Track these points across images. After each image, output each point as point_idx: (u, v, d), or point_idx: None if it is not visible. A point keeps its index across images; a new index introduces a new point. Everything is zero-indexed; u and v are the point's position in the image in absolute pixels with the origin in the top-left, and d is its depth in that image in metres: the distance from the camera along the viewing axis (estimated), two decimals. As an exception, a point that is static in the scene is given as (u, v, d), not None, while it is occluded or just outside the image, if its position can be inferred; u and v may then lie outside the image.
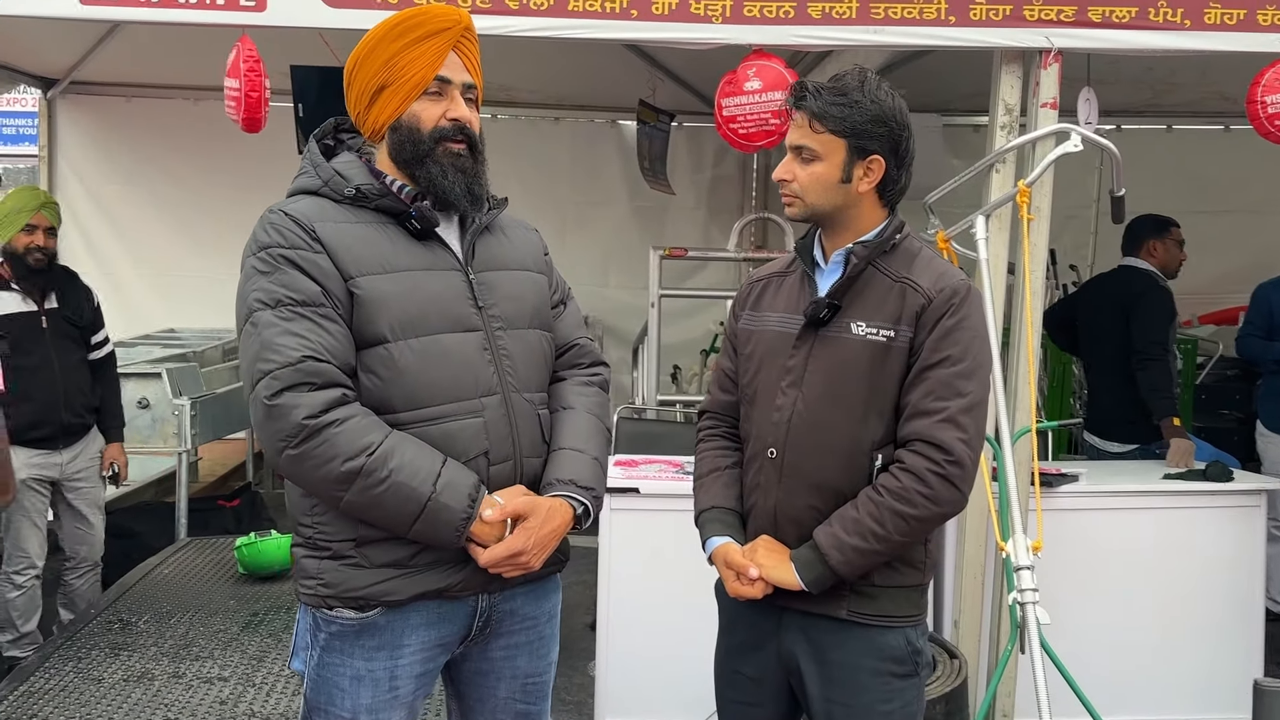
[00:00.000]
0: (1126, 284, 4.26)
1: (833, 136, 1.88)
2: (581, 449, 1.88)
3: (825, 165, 1.89)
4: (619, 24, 3.10)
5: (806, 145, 1.90)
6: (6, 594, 3.83)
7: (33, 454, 3.76)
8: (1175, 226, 4.36)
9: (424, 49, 1.77)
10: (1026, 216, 3.00)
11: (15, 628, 3.86)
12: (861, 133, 1.87)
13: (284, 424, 1.65)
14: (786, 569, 1.89)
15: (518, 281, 1.90)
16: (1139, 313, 4.13)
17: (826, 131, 1.88)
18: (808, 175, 1.91)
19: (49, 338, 3.83)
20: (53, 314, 3.86)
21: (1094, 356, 4.48)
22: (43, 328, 3.82)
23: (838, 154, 1.89)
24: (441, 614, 1.81)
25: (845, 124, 1.87)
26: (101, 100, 6.29)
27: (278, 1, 3.02)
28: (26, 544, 3.83)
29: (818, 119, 1.88)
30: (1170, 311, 4.20)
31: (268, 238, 1.73)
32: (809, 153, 1.90)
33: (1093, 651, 3.28)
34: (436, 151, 1.79)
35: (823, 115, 1.87)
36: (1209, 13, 3.11)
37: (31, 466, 3.76)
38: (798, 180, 1.92)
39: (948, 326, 1.85)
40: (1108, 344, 4.26)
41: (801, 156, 1.91)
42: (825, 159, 1.89)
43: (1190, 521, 3.54)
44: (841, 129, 1.87)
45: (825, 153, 1.89)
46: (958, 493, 1.84)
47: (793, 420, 1.92)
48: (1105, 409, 4.33)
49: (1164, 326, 4.12)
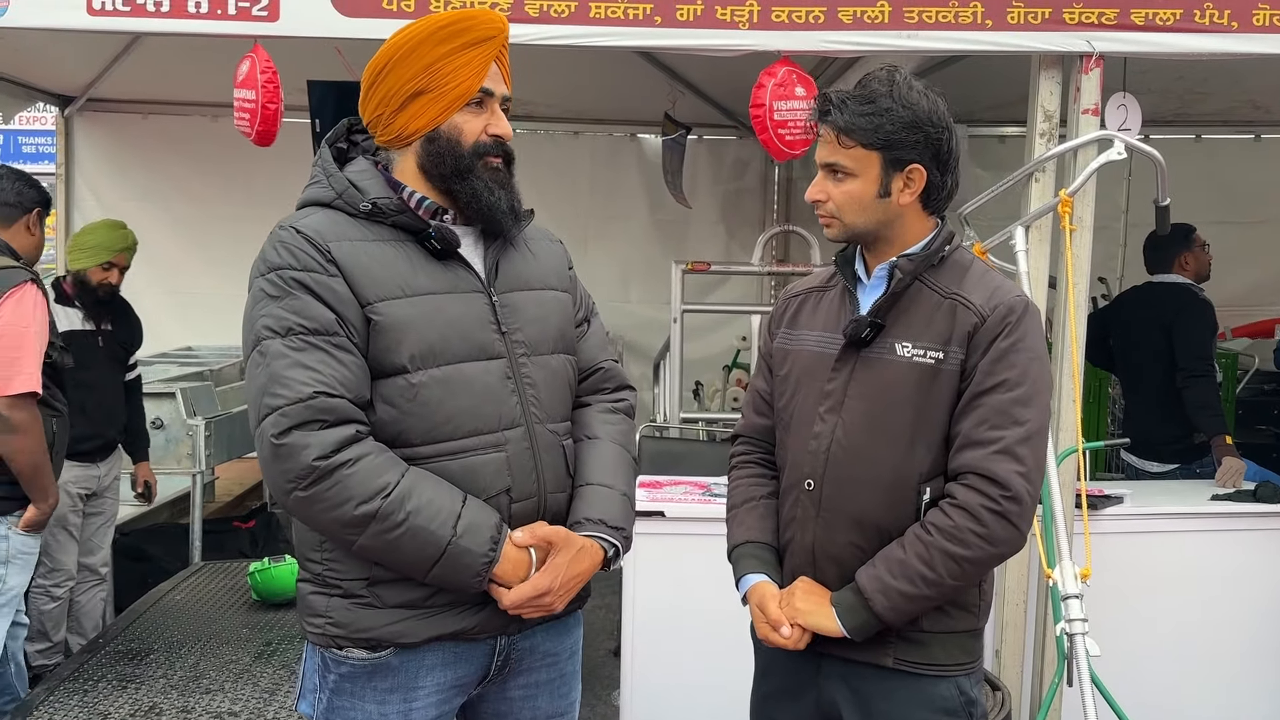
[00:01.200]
0: (1164, 300, 4.12)
1: (864, 150, 1.74)
2: (610, 484, 1.76)
3: (860, 182, 1.75)
4: (642, 31, 3.00)
5: (837, 162, 1.76)
6: (43, 606, 3.90)
7: (75, 466, 3.87)
8: (1195, 231, 4.23)
9: (470, 56, 1.65)
10: (1069, 227, 2.87)
11: (48, 637, 3.95)
12: (895, 142, 1.73)
13: (293, 464, 1.53)
14: (827, 614, 1.75)
15: (542, 302, 1.79)
16: (1181, 329, 3.99)
17: (857, 145, 1.74)
18: (842, 194, 1.77)
19: (103, 358, 4.01)
20: (108, 336, 4.04)
21: (1132, 375, 4.33)
22: (99, 347, 3.99)
23: (872, 168, 1.75)
24: (458, 654, 1.69)
25: (876, 135, 1.72)
26: (118, 117, 6.26)
27: (291, 11, 2.94)
28: (65, 555, 3.93)
29: (845, 133, 1.74)
30: (1212, 325, 4.07)
31: (278, 258, 1.61)
32: (841, 170, 1.76)
33: (1138, 681, 3.13)
34: (478, 166, 1.68)
35: (850, 129, 1.73)
36: (1258, 14, 2.98)
37: (75, 479, 3.89)
38: (832, 200, 1.78)
39: (1003, 348, 1.70)
40: (1148, 362, 4.12)
41: (834, 174, 1.77)
42: (859, 175, 1.75)
43: (1240, 544, 3.39)
44: (873, 141, 1.73)
45: (858, 168, 1.75)
46: (1016, 531, 1.69)
47: (831, 449, 1.78)
48: (1146, 428, 4.17)
49: (1207, 341, 3.99)
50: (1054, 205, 2.87)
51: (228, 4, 2.94)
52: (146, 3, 2.94)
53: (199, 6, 2.95)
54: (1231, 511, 3.40)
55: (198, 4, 2.94)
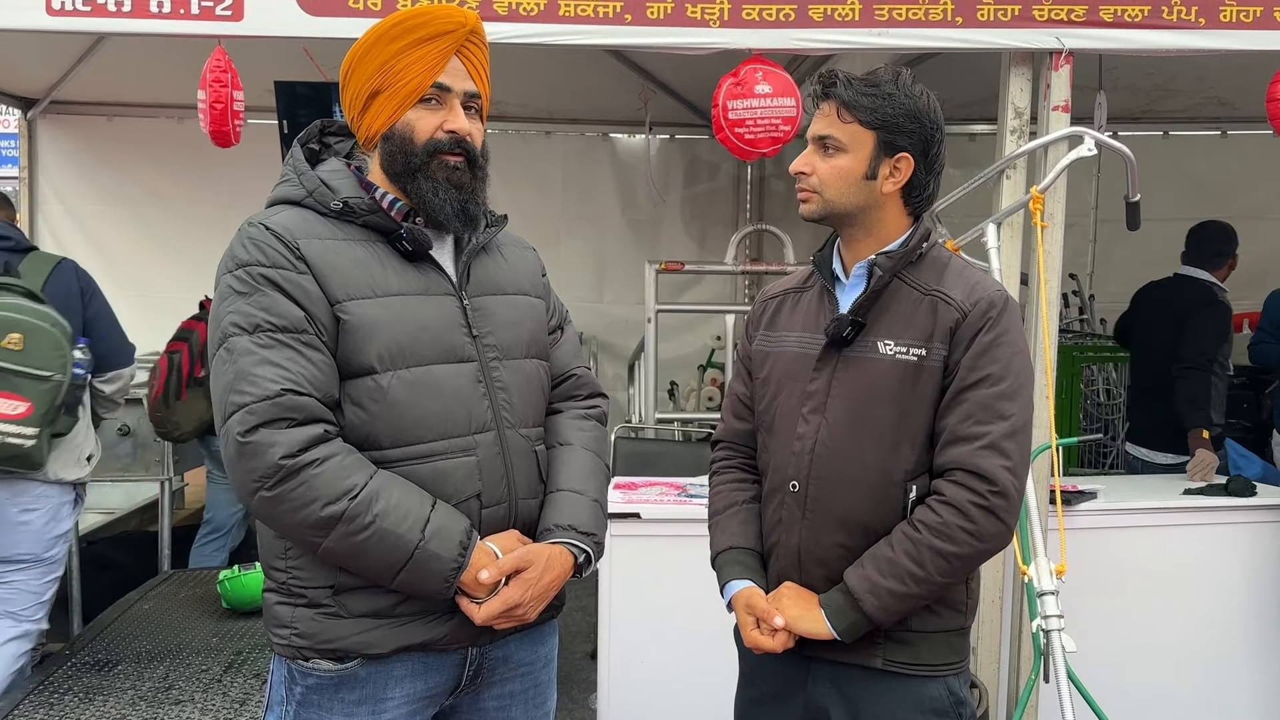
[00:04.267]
0: (1189, 294, 4.23)
1: (861, 128, 1.73)
2: (581, 490, 1.73)
3: (850, 158, 1.75)
4: (613, 29, 2.98)
5: (832, 135, 1.75)
6: None
7: None
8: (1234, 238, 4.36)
9: (423, 52, 1.62)
10: (1040, 224, 2.87)
11: None
12: (892, 126, 1.73)
13: (258, 463, 1.50)
14: (816, 617, 1.72)
15: (515, 307, 1.76)
16: (1195, 324, 4.10)
17: (855, 122, 1.73)
18: (829, 168, 1.75)
19: None
20: None
21: (1147, 366, 4.42)
22: None
23: (865, 147, 1.74)
24: (428, 664, 1.66)
25: (876, 115, 1.72)
26: (82, 120, 6.16)
27: (255, 10, 2.90)
28: None
29: (847, 107, 1.73)
30: (1225, 329, 4.16)
31: (246, 254, 1.57)
32: (834, 142, 1.75)
33: (1115, 676, 3.15)
34: (430, 165, 1.64)
35: (853, 104, 1.73)
36: (1224, 11, 3.00)
37: None
38: (817, 173, 1.77)
39: (985, 342, 1.69)
40: (1162, 355, 4.20)
41: (825, 147, 1.76)
42: (851, 151, 1.74)
43: (1213, 538, 3.41)
44: (872, 120, 1.73)
45: (851, 144, 1.74)
46: (1003, 526, 1.67)
47: (816, 450, 1.76)
48: (1157, 420, 4.24)
49: (1215, 341, 4.09)
50: (1025, 202, 2.87)
51: (190, 3, 2.90)
52: (107, 2, 2.89)
53: (161, 6, 2.90)
54: (1204, 505, 3.42)
55: (160, 3, 2.90)
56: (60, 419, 3.08)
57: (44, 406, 2.98)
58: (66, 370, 3.03)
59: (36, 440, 2.98)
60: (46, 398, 2.98)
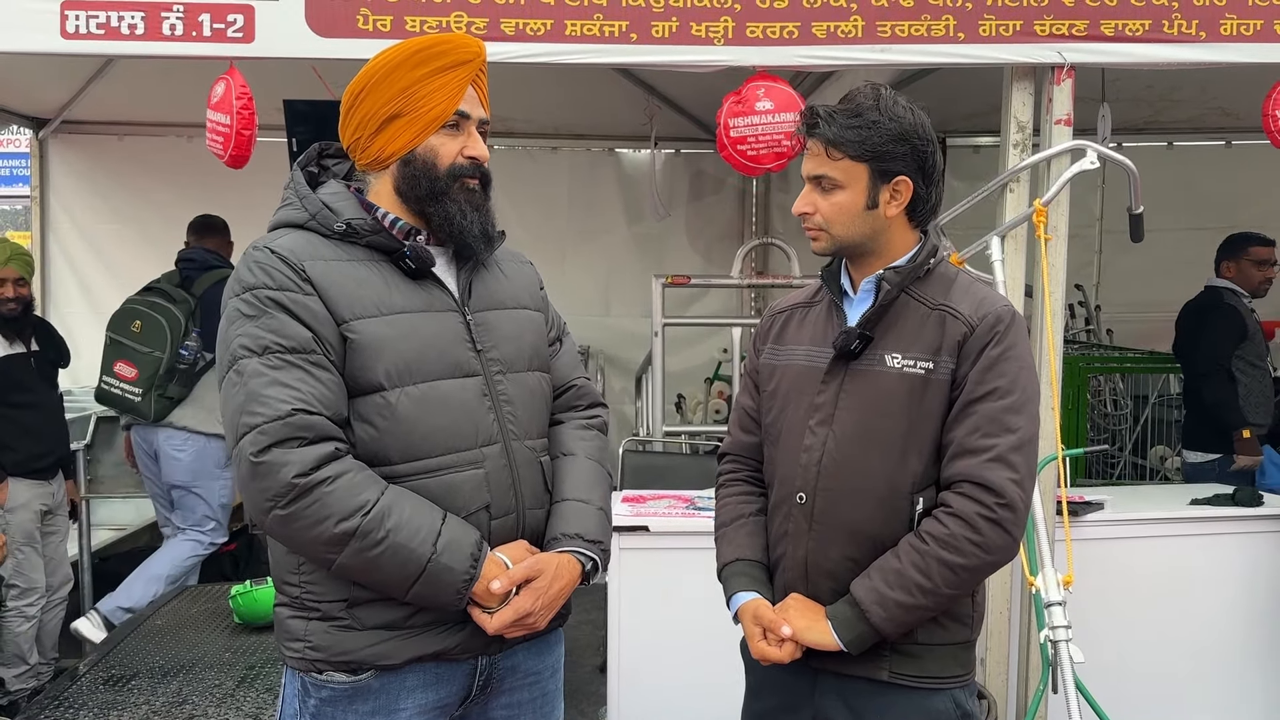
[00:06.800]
0: (1198, 303, 4.50)
1: (853, 162, 1.75)
2: (586, 499, 1.77)
3: (848, 194, 1.76)
4: (618, 48, 3.02)
5: (825, 174, 1.77)
6: (17, 628, 3.93)
7: (33, 484, 4.00)
8: (1257, 245, 4.47)
9: (445, 80, 1.67)
10: (1044, 237, 2.90)
11: (25, 660, 3.99)
12: (883, 154, 1.74)
13: (272, 482, 1.52)
14: (823, 628, 1.74)
15: (516, 321, 1.79)
16: (1200, 331, 4.36)
17: (845, 158, 1.75)
18: (830, 206, 1.77)
19: (38, 379, 4.09)
20: (38, 357, 4.11)
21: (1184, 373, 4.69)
22: (33, 368, 4.06)
23: (860, 180, 1.76)
24: (439, 674, 1.68)
25: (864, 147, 1.74)
26: (93, 139, 6.21)
27: (266, 32, 2.95)
28: (37, 574, 4.02)
29: (834, 145, 1.75)
30: (1234, 328, 4.32)
31: (253, 278, 1.60)
32: (829, 182, 1.77)
33: (1122, 686, 3.15)
34: (453, 189, 1.69)
35: (839, 141, 1.74)
36: (1225, 24, 3.03)
37: (33, 497, 4.00)
38: (820, 212, 1.78)
39: (993, 356, 1.72)
40: (1185, 361, 4.53)
41: (821, 186, 1.78)
42: (847, 187, 1.76)
43: (1220, 548, 3.41)
44: (861, 153, 1.74)
45: (847, 180, 1.76)
46: (1010, 539, 1.69)
47: (823, 462, 1.78)
48: (1193, 423, 4.53)
49: (1222, 344, 4.29)
50: (1029, 215, 2.89)
51: (203, 26, 2.94)
52: (120, 26, 2.93)
53: (173, 29, 2.94)
54: (1210, 516, 3.42)
55: (172, 26, 2.94)
56: (170, 386, 4.23)
57: (148, 373, 4.20)
58: (169, 350, 4.20)
59: (143, 397, 4.20)
60: (150, 368, 4.20)
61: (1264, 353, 4.39)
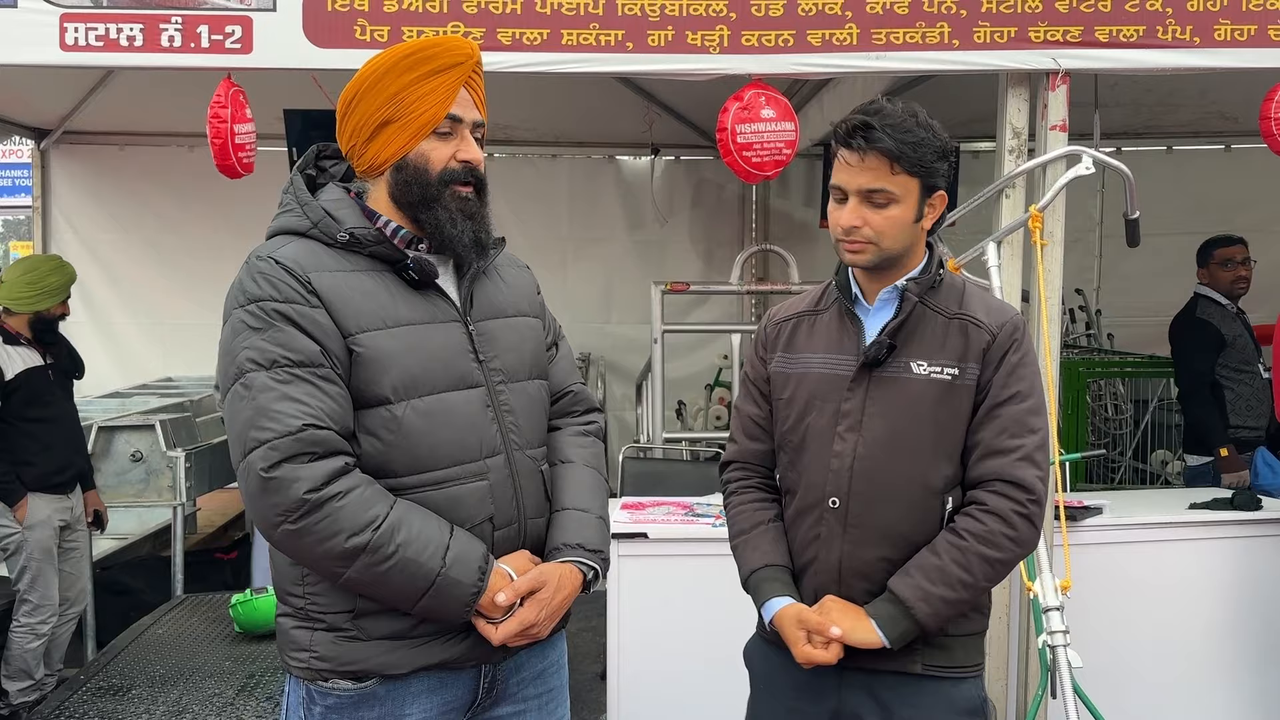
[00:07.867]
0: (1179, 317, 4.46)
1: (909, 176, 1.77)
2: (586, 509, 1.77)
3: (902, 207, 1.78)
4: (614, 57, 3.03)
5: (884, 188, 1.76)
6: (27, 645, 3.91)
7: (52, 499, 3.97)
8: (1220, 247, 4.42)
9: (436, 84, 1.64)
10: (1040, 242, 2.90)
11: (30, 675, 3.96)
12: (931, 170, 1.79)
13: (283, 498, 1.52)
14: (866, 627, 1.77)
15: (516, 329, 1.79)
16: (1176, 349, 4.35)
17: (904, 172, 1.76)
18: (884, 220, 1.77)
19: (57, 391, 4.08)
20: (55, 369, 4.10)
21: None
22: (51, 381, 4.06)
23: (913, 194, 1.79)
24: (444, 681, 1.69)
25: (920, 164, 1.77)
26: (95, 149, 6.25)
27: (263, 43, 2.96)
28: (52, 590, 3.97)
29: (897, 160, 1.75)
30: (1203, 343, 4.27)
31: (258, 289, 1.58)
32: (885, 196, 1.77)
33: (1121, 691, 3.15)
34: (444, 195, 1.66)
35: (900, 156, 1.74)
36: (1219, 29, 3.03)
37: (53, 512, 3.97)
38: (870, 225, 1.78)
39: (1013, 362, 1.81)
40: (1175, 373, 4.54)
41: (873, 201, 1.77)
42: (903, 200, 1.78)
43: (1218, 552, 3.41)
44: (917, 169, 1.77)
45: (904, 194, 1.77)
46: (1036, 532, 1.80)
47: (855, 466, 1.82)
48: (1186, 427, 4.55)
49: (1199, 360, 4.25)
50: (1024, 220, 2.89)
51: (201, 37, 2.95)
52: (120, 38, 2.95)
53: (172, 40, 2.96)
54: (1209, 520, 3.42)
55: (171, 38, 2.96)
56: None
57: None
58: None
59: None
60: None
61: (1251, 357, 4.31)
